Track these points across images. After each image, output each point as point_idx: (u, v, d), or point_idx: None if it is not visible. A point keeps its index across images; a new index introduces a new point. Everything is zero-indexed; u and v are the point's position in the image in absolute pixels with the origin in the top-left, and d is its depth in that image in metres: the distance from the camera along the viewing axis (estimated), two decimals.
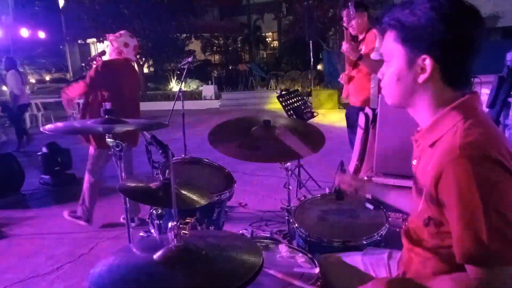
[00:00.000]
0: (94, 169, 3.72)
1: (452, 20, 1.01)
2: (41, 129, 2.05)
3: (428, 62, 1.04)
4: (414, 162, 1.22)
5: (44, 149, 5.31)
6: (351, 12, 3.48)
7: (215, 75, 19.43)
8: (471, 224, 0.94)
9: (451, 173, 0.97)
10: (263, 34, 24.78)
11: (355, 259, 1.49)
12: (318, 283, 1.40)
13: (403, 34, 1.07)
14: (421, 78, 1.07)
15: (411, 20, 1.04)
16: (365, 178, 2.74)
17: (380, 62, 4.15)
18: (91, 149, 3.70)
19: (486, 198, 0.92)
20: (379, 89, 4.06)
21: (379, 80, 1.22)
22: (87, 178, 3.74)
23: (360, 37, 3.70)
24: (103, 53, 3.75)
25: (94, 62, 3.79)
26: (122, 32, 3.68)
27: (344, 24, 3.65)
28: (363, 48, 3.59)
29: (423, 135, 1.14)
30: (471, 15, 1.03)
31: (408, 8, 1.05)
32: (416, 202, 1.19)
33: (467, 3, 1.04)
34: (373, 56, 3.46)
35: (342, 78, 3.86)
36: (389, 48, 1.12)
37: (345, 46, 3.46)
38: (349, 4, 3.52)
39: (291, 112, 4.17)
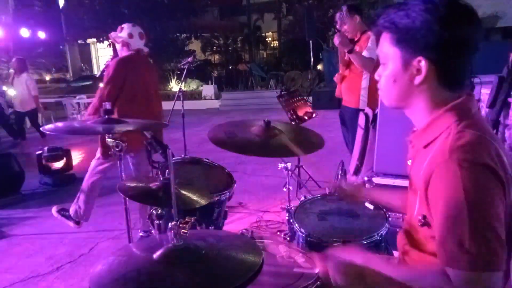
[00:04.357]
0: (95, 172, 3.48)
1: (447, 21, 1.00)
2: (41, 129, 2.05)
3: (423, 63, 1.04)
4: (409, 162, 1.22)
5: (44, 149, 5.31)
6: (344, 15, 3.55)
7: (215, 75, 19.42)
8: (455, 228, 0.94)
9: (439, 176, 0.97)
10: (263, 34, 24.78)
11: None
12: (318, 283, 1.40)
13: (398, 36, 1.06)
14: (417, 79, 1.06)
15: (406, 22, 1.03)
16: (364, 180, 2.74)
17: (369, 60, 4.18)
18: (99, 157, 3.45)
19: (471, 203, 0.92)
20: (370, 91, 4.10)
21: (371, 81, 1.23)
22: (87, 178, 3.52)
23: (355, 39, 3.73)
24: (114, 57, 3.59)
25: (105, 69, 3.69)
26: (122, 25, 3.50)
27: (337, 27, 3.71)
28: (357, 49, 3.61)
29: (418, 136, 1.14)
30: (466, 16, 1.02)
31: (403, 10, 1.05)
32: (411, 203, 1.18)
33: (462, 4, 1.03)
34: (365, 54, 3.49)
35: (337, 78, 3.90)
36: (384, 50, 1.12)
37: (337, 39, 3.50)
38: (342, 7, 3.64)
39: (291, 112, 4.18)
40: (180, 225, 1.15)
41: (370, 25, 1.18)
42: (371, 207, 1.98)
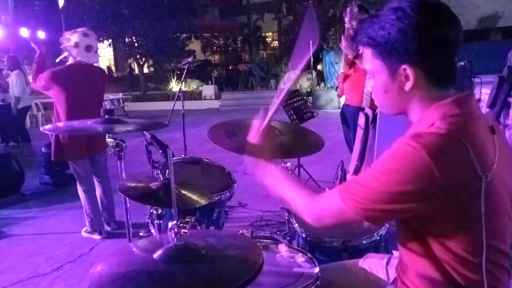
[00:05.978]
0: (79, 178, 3.53)
1: (421, 25, 1.00)
2: (41, 129, 2.05)
3: (409, 71, 1.04)
4: None
5: (44, 149, 5.30)
6: (354, 10, 3.48)
7: (215, 75, 19.41)
8: (364, 175, 1.03)
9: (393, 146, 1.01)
10: (263, 34, 24.77)
11: (355, 265, 1.50)
12: (318, 283, 1.40)
13: (378, 50, 1.07)
14: (407, 85, 1.07)
15: (382, 35, 1.04)
16: None
17: None
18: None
19: (385, 169, 0.98)
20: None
21: None
22: (78, 187, 3.57)
23: None
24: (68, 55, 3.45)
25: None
26: (77, 29, 3.34)
27: (346, 20, 3.64)
28: (361, 49, 3.59)
29: (409, 131, 1.14)
30: (438, 13, 1.02)
31: (376, 23, 1.05)
32: None
33: (431, 3, 1.02)
34: None
35: (340, 77, 3.90)
36: (369, 65, 1.13)
37: (343, 43, 3.49)
38: (353, 2, 3.54)
39: (291, 112, 4.17)
40: (180, 225, 1.15)
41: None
42: None
